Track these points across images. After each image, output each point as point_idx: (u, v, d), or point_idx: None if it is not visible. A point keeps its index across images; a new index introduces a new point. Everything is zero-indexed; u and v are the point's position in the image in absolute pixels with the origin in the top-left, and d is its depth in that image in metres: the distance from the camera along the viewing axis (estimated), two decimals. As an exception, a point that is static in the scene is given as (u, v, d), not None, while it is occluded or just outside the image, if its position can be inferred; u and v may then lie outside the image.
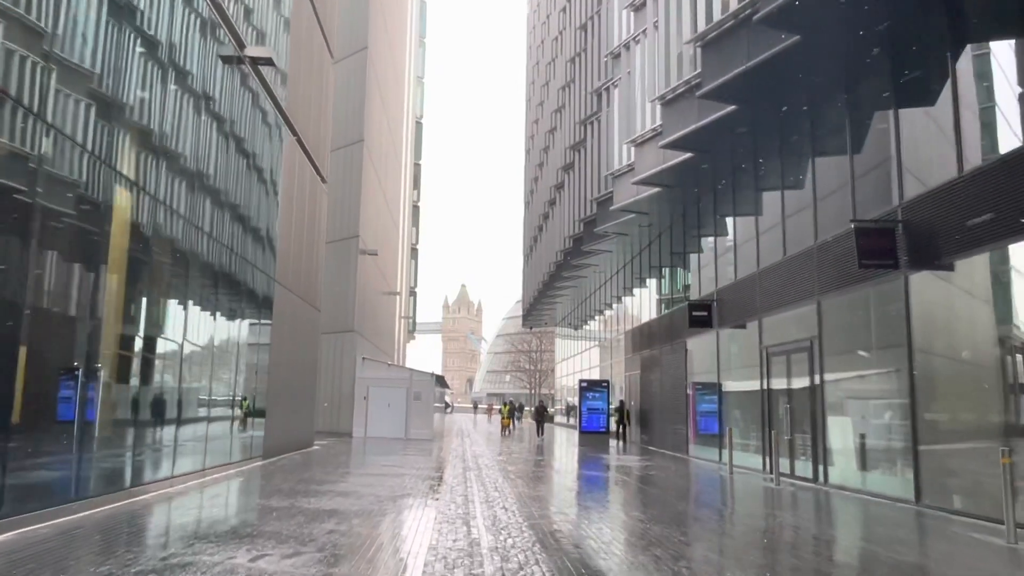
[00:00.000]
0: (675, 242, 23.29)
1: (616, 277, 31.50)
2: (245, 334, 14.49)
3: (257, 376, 15.23)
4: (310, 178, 19.47)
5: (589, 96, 27.42)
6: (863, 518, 10.02)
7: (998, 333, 9.78)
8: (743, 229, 17.97)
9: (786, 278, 15.17)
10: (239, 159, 13.43)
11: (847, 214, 13.00)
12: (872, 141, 12.70)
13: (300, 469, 14.15)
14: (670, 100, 16.55)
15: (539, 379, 79.03)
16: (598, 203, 25.12)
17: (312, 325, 20.26)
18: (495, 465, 16.45)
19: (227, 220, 12.87)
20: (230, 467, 13.41)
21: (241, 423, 14.73)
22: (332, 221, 29.66)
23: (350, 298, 28.67)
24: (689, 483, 14.49)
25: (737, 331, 18.35)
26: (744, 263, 17.66)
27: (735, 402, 18.43)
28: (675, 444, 22.31)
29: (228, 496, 10.48)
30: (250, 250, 14.25)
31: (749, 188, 17.55)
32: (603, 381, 26.37)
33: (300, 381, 18.98)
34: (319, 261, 20.98)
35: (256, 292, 14.95)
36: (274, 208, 16.00)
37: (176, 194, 10.69)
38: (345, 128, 30.30)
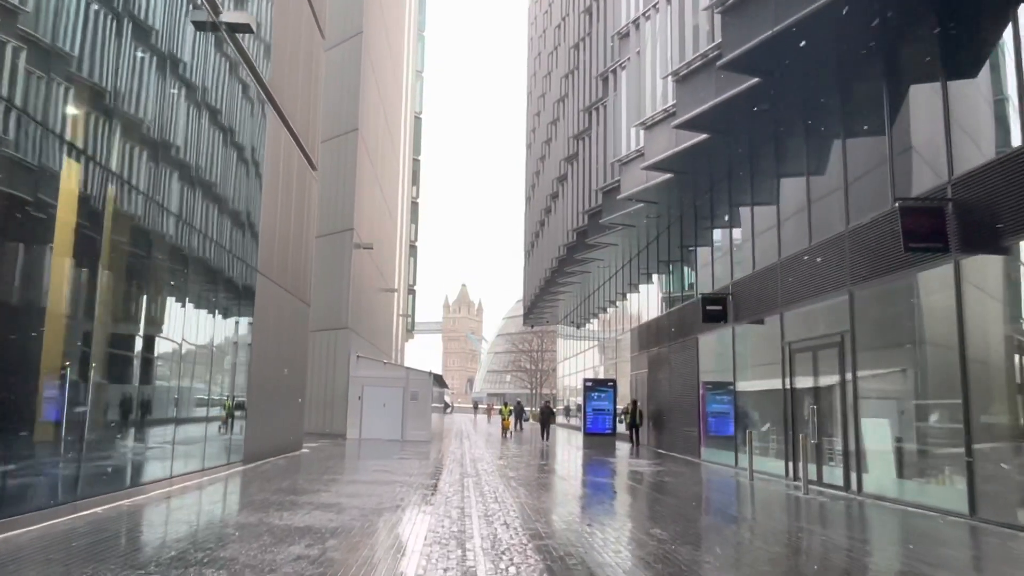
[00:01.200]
0: (685, 233, 22.05)
1: (621, 272, 30.27)
2: (223, 328, 13.26)
3: (236, 374, 14.01)
4: (298, 164, 18.25)
5: (594, 82, 26.20)
6: (916, 535, 8.79)
7: (1071, 324, 8.55)
8: (762, 217, 16.73)
9: (812, 268, 13.94)
10: (213, 132, 12.19)
11: (883, 195, 11.77)
12: (916, 113, 11.46)
13: (281, 476, 12.92)
14: (685, 76, 15.31)
15: (540, 379, 77.78)
16: (604, 193, 23.88)
17: (300, 320, 19.03)
18: (495, 470, 15.22)
19: (199, 200, 11.64)
20: (204, 474, 12.19)
21: (223, 424, 13.53)
22: (325, 213, 28.47)
23: (344, 294, 27.44)
24: (708, 492, 13.26)
25: (754, 326, 17.13)
26: (763, 253, 16.42)
27: (752, 402, 17.19)
28: (686, 447, 21.07)
29: (191, 510, 9.25)
30: (227, 236, 13.02)
31: (769, 172, 16.32)
32: (609, 380, 25.13)
33: (286, 379, 17.75)
34: (309, 253, 19.76)
35: (235, 282, 13.72)
36: (256, 192, 14.78)
37: (135, 167, 9.46)
38: (338, 117, 29.08)
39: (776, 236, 15.65)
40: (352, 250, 27.62)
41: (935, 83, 10.71)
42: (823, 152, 14.08)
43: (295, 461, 16.06)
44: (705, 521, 9.57)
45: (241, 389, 14.35)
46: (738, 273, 17.88)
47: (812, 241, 14.02)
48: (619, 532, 8.37)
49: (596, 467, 17.61)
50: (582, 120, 28.67)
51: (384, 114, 36.09)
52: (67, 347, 8.16)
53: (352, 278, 27.60)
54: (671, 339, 22.93)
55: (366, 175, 30.03)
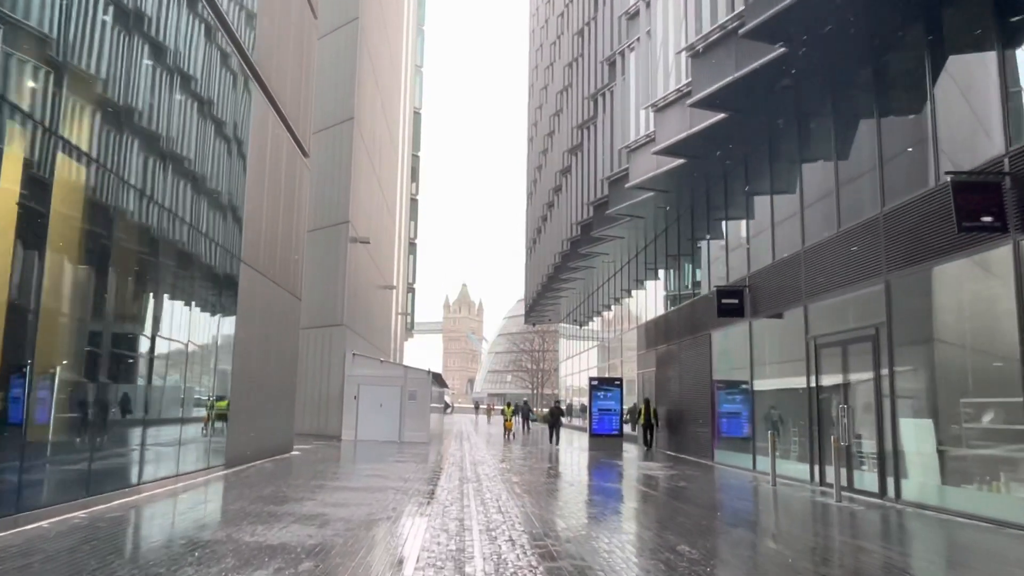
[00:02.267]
0: (697, 224, 20.96)
1: (627, 267, 29.18)
2: (201, 320, 12.18)
3: (218, 370, 12.93)
4: (288, 149, 17.18)
5: (599, 68, 25.12)
6: (982, 552, 7.70)
7: None
8: (783, 204, 15.65)
9: (842, 256, 12.86)
10: (187, 101, 11.10)
11: (923, 174, 10.70)
12: (965, 82, 10.37)
13: (265, 481, 11.84)
14: (702, 51, 14.24)
15: (542, 378, 76.70)
16: (610, 183, 22.80)
17: (291, 315, 17.95)
18: (497, 475, 14.14)
19: (170, 177, 10.56)
20: (179, 480, 11.11)
21: (205, 425, 12.50)
22: (319, 206, 27.43)
23: (339, 289, 26.37)
24: (730, 499, 12.17)
25: (773, 321, 16.05)
26: (784, 242, 15.34)
27: (771, 402, 16.11)
28: (698, 449, 19.99)
29: (152, 523, 8.17)
30: (205, 219, 11.94)
31: (792, 156, 15.24)
32: (616, 379, 24.04)
33: (274, 377, 16.68)
34: (300, 244, 18.68)
35: (215, 271, 12.65)
36: (239, 175, 13.70)
37: (88, 132, 8.39)
38: (334, 106, 28.01)
39: (799, 223, 14.58)
40: (348, 244, 26.54)
41: (988, 51, 9.63)
42: (854, 131, 13.00)
43: (283, 464, 14.99)
44: (736, 535, 8.49)
45: (223, 387, 13.28)
46: (755, 264, 16.80)
47: (841, 227, 12.95)
48: (640, 548, 7.28)
49: (604, 471, 16.53)
50: (587, 109, 27.59)
51: (382, 106, 35.03)
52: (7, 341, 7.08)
53: (348, 273, 26.53)
54: (681, 335, 21.84)
55: (363, 167, 28.96)
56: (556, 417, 26.03)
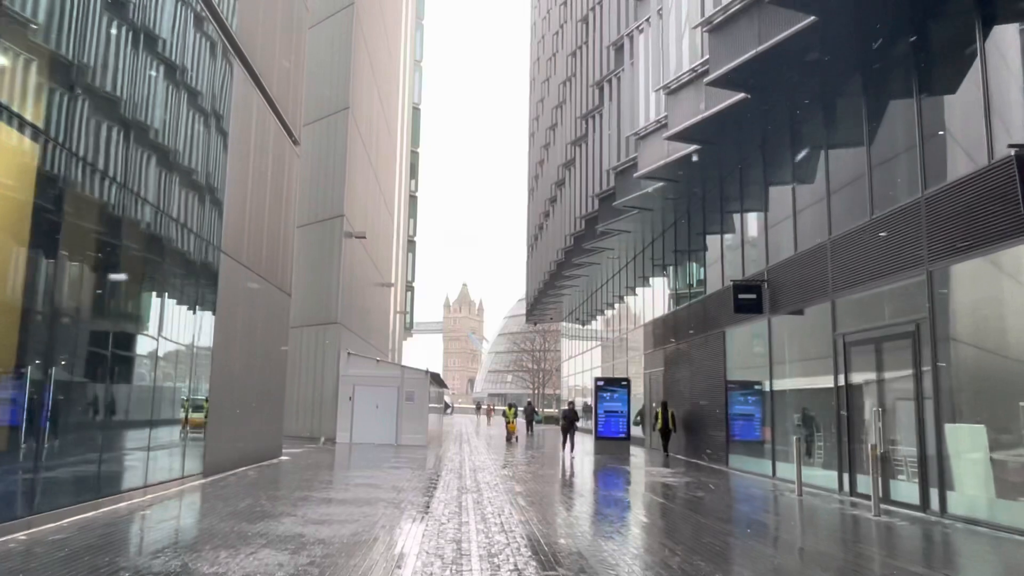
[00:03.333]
0: (709, 216, 19.88)
1: (633, 263, 28.09)
2: (175, 315, 11.11)
3: (194, 370, 11.85)
4: (275, 135, 16.10)
5: (606, 53, 24.04)
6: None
7: None
8: (806, 192, 14.58)
9: (875, 245, 11.78)
10: (153, 65, 10.00)
11: (974, 152, 9.63)
12: (1013, 54, 9.29)
13: (244, 493, 10.76)
14: (721, 23, 13.15)
15: (543, 378, 75.61)
16: (617, 174, 21.71)
17: (279, 311, 16.87)
18: (499, 483, 13.06)
19: (132, 152, 9.47)
20: (146, 492, 10.03)
21: (182, 429, 11.45)
22: (313, 200, 26.39)
23: (333, 286, 25.30)
24: (756, 511, 11.09)
25: (793, 317, 14.98)
26: (808, 232, 14.26)
27: (792, 404, 15.03)
28: (710, 453, 18.90)
29: (99, 547, 7.08)
30: (177, 203, 10.86)
31: (817, 140, 14.17)
32: (622, 379, 22.95)
33: (261, 377, 15.60)
34: (289, 237, 17.60)
35: (191, 261, 11.57)
36: (219, 157, 12.62)
37: (25, 89, 7.31)
38: (329, 96, 26.96)
39: (825, 211, 13.50)
40: (343, 239, 25.47)
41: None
42: (889, 108, 11.93)
43: (268, 472, 13.91)
44: (777, 561, 7.41)
45: (201, 388, 12.20)
46: (774, 257, 15.72)
47: (874, 214, 11.86)
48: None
49: (614, 478, 15.45)
50: (592, 98, 26.51)
51: (379, 99, 33.96)
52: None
53: (343, 269, 25.46)
54: (692, 334, 20.77)
55: (358, 159, 27.89)
56: (571, 421, 22.43)
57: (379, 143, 34.18)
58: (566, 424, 22.48)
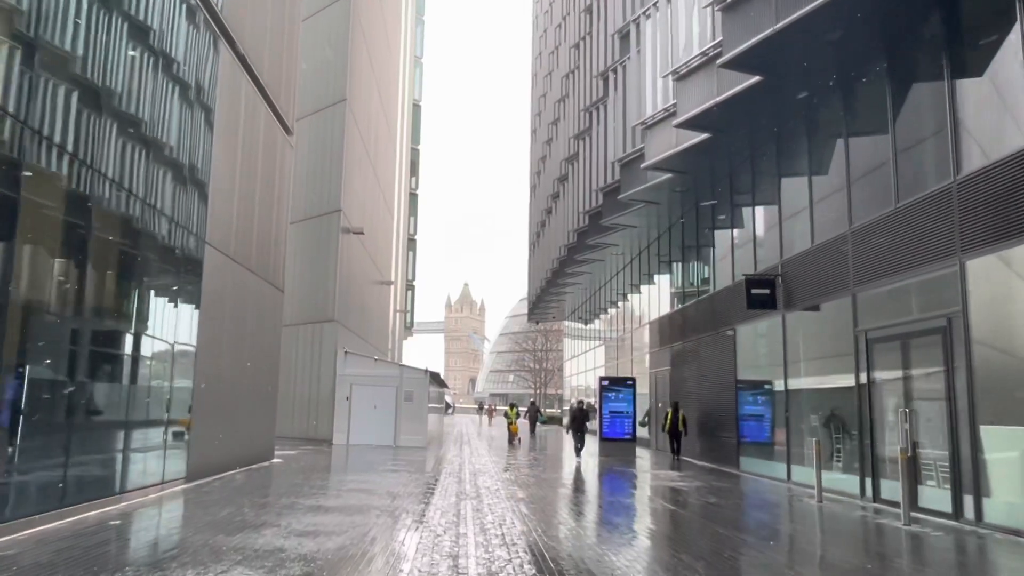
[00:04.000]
0: (719, 209, 19.15)
1: (639, 259, 27.36)
2: (153, 307, 10.41)
3: (176, 367, 11.14)
4: (266, 122, 15.39)
5: (611, 42, 23.32)
6: None
7: None
8: (824, 181, 13.86)
9: (901, 234, 11.05)
10: (127, 38, 9.30)
11: (1011, 133, 8.91)
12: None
13: (227, 500, 10.05)
14: (734, 2, 12.43)
15: (545, 378, 74.88)
16: (622, 167, 20.99)
17: (271, 307, 16.16)
18: (500, 488, 12.35)
19: (104, 134, 8.77)
20: (122, 498, 9.31)
21: (166, 431, 10.75)
22: (310, 195, 25.70)
23: (330, 283, 24.58)
24: (776, 520, 10.37)
25: (809, 313, 14.27)
26: (826, 223, 13.53)
27: (809, 404, 14.30)
28: (720, 455, 18.18)
29: (54, 564, 6.37)
30: (155, 190, 10.15)
31: (834, 126, 13.44)
32: (628, 378, 22.23)
33: (251, 376, 14.89)
34: (282, 231, 16.89)
35: (173, 252, 10.87)
36: (203, 143, 11.92)
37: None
38: (325, 88, 26.25)
39: (845, 201, 12.76)
40: (340, 235, 24.74)
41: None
42: (916, 90, 11.21)
43: (257, 476, 13.20)
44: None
45: (184, 386, 11.50)
46: (789, 251, 15.00)
47: (900, 202, 11.13)
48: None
49: (621, 482, 14.74)
50: (595, 89, 25.81)
51: (378, 92, 33.25)
52: None
53: (340, 265, 24.73)
54: (700, 331, 20.04)
55: (356, 153, 27.17)
56: (581, 421, 20.01)
57: (378, 139, 33.48)
58: (575, 424, 20.03)
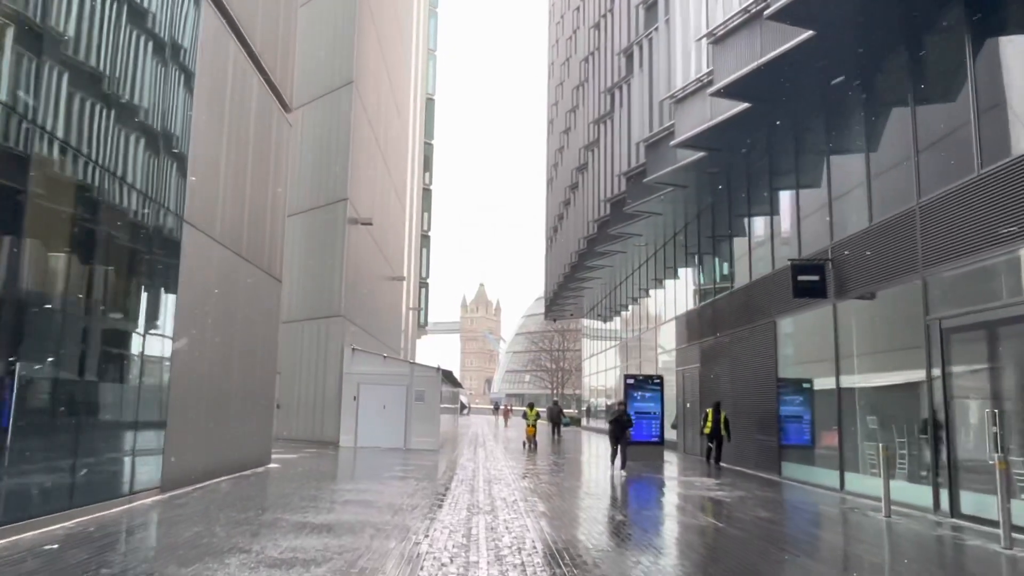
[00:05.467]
0: (755, 191, 17.55)
1: (663, 251, 25.77)
2: (116, 292, 9.03)
3: (145, 362, 9.74)
4: (259, 94, 14.00)
5: (634, 13, 21.73)
6: None
7: None
8: (885, 152, 12.27)
9: (984, 206, 9.43)
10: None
11: None
12: None
13: (200, 516, 8.63)
14: (784, -58, 10.86)
15: (562, 378, 73.25)
16: (648, 147, 19.42)
17: (266, 298, 14.78)
18: (518, 499, 10.85)
19: (52, 87, 7.37)
20: (72, 515, 7.91)
21: (135, 434, 9.34)
22: (315, 183, 24.38)
23: (336, 276, 23.21)
24: (844, 540, 8.79)
25: (864, 302, 12.67)
26: (887, 198, 11.93)
27: (865, 403, 12.69)
28: (759, 461, 16.57)
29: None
30: (120, 158, 8.76)
31: (901, 86, 11.83)
32: (656, 377, 20.64)
33: (242, 373, 13.50)
34: (278, 215, 15.51)
35: (140, 229, 9.48)
36: (182, 110, 10.53)
37: None
38: (331, 71, 24.91)
39: (912, 173, 11.14)
40: (346, 225, 23.37)
41: None
42: (1000, 43, 9.59)
43: (245, 484, 11.79)
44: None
45: (157, 384, 10.10)
46: (840, 233, 13.40)
47: (983, 168, 9.51)
48: None
49: (655, 493, 13.18)
50: (617, 70, 24.25)
51: (388, 77, 31.88)
52: None
53: (347, 257, 23.35)
54: (734, 325, 18.43)
55: (364, 140, 25.80)
56: (623, 427, 16.27)
57: (388, 127, 32.11)
58: (616, 430, 16.29)
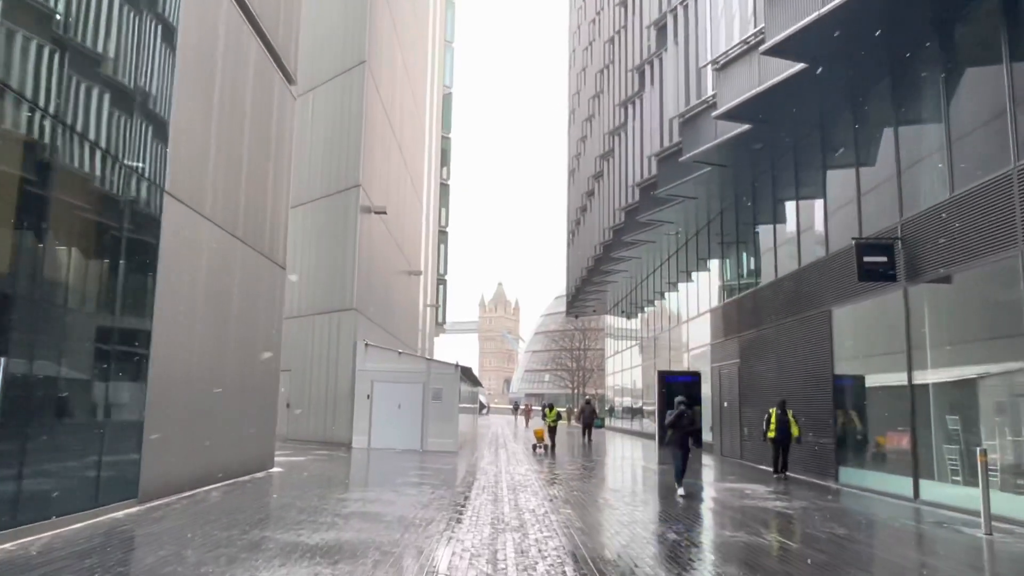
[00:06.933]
0: (803, 170, 15.95)
1: (695, 240, 24.16)
2: (72, 266, 7.69)
3: (113, 353, 8.40)
4: (258, 61, 12.67)
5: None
6: None
7: None
8: (967, 114, 10.66)
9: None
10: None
11: None
12: None
13: (170, 536, 7.26)
14: None
15: (583, 377, 71.59)
16: (682, 123, 17.86)
17: (267, 286, 13.44)
18: (548, 511, 9.38)
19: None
20: (20, 534, 6.57)
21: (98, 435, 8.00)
22: (326, 170, 23.08)
23: (349, 267, 21.87)
24: (948, 566, 7.21)
25: (942, 286, 11.08)
26: (973, 165, 10.32)
27: (945, 400, 11.06)
28: (811, 465, 14.94)
29: None
30: (81, 114, 7.42)
31: (988, 33, 10.22)
32: (693, 373, 19.07)
33: (240, 370, 12.15)
34: (281, 196, 14.17)
35: (113, 198, 8.14)
36: (160, 67, 9.18)
37: None
38: (342, 50, 23.60)
39: (1006, 130, 9.54)
40: (359, 214, 22.02)
41: None
42: None
43: (239, 493, 10.42)
44: None
45: (134, 379, 8.76)
46: (911, 207, 11.79)
47: (1110, 116, 7.90)
48: None
49: (703, 502, 11.61)
50: (646, 46, 22.71)
51: (402, 60, 30.53)
52: None
53: (360, 248, 22.00)
54: (781, 316, 16.82)
55: (377, 123, 24.44)
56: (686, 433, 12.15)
57: (403, 116, 30.75)
58: (680, 438, 12.09)
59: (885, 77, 12.54)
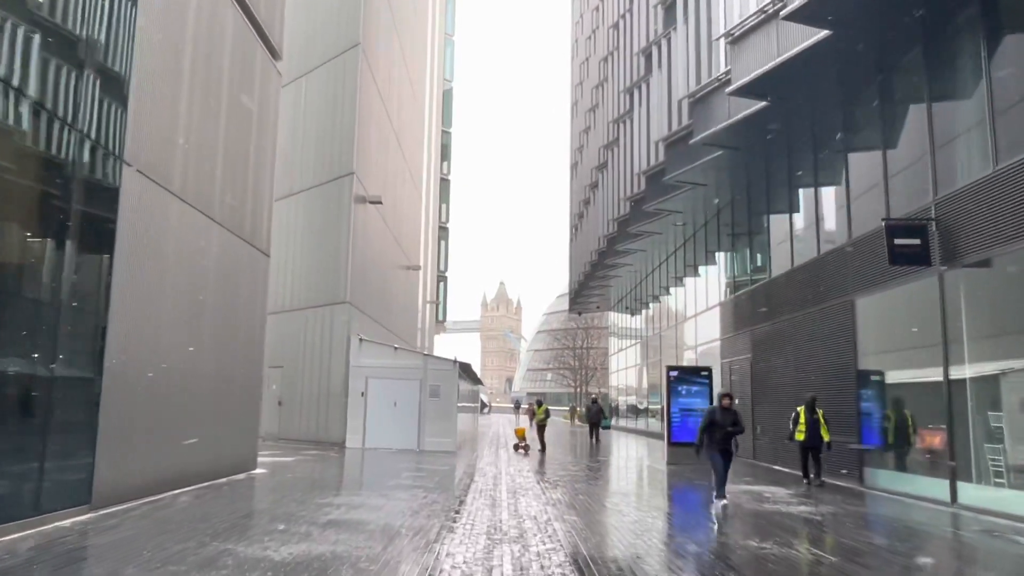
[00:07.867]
0: (821, 150, 14.97)
1: (703, 231, 23.18)
2: (11, 251, 6.74)
3: (59, 342, 7.44)
4: (237, 29, 11.71)
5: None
6: None
7: None
8: (1010, 83, 9.68)
9: None
10: None
11: None
12: None
13: (114, 551, 6.30)
14: None
15: (586, 375, 70.54)
16: (692, 104, 16.88)
17: (248, 274, 12.48)
18: (552, 519, 8.42)
19: None
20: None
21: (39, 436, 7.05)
22: (319, 158, 22.14)
23: (342, 259, 20.90)
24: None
25: (981, 271, 10.11)
26: (1015, 139, 9.35)
27: (986, 398, 10.08)
28: (832, 465, 13.93)
29: None
30: (14, 64, 6.47)
31: None
32: (703, 368, 18.09)
33: (216, 364, 11.19)
34: (264, 176, 13.21)
35: (60, 166, 7.18)
36: (118, 22, 8.22)
37: None
38: (336, 33, 22.64)
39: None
40: (353, 203, 21.05)
41: None
42: None
43: (210, 498, 9.46)
44: None
45: (89, 372, 7.81)
46: (947, 185, 10.82)
47: None
48: None
49: (734, 512, 10.63)
50: (653, 28, 21.74)
51: (401, 52, 29.57)
52: None
53: (353, 239, 21.03)
54: (797, 308, 15.84)
55: (373, 109, 23.47)
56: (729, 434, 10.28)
57: (401, 106, 29.78)
58: (722, 438, 10.26)
59: (917, 45, 11.55)
